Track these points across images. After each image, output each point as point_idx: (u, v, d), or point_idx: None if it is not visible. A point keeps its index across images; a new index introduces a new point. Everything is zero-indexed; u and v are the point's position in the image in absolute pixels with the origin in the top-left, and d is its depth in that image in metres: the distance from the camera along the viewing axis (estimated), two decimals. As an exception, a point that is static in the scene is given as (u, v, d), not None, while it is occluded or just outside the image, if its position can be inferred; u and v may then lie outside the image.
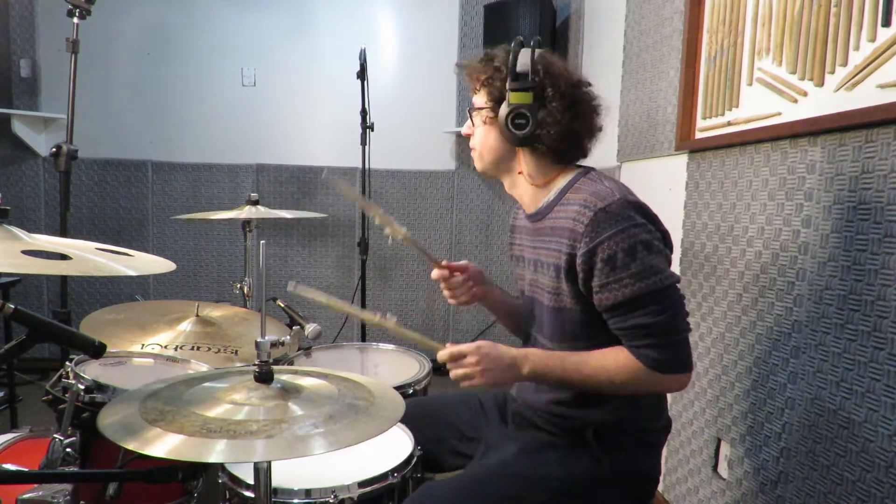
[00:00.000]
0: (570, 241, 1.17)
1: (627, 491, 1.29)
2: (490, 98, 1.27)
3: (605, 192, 1.16)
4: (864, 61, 1.30)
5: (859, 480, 1.30)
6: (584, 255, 1.14)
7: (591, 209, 1.14)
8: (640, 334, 1.14)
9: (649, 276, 1.11)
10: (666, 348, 1.14)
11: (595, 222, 1.13)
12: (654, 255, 1.12)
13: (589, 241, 1.13)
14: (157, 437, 0.85)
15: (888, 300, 1.23)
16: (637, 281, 1.11)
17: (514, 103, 1.21)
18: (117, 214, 3.76)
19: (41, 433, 1.65)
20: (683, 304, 1.17)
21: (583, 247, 1.14)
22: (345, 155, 3.65)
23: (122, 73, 3.69)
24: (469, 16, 3.82)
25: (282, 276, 3.86)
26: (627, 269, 1.11)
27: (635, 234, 1.11)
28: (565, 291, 1.21)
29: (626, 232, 1.11)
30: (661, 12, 2.31)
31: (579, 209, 1.16)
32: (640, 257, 1.11)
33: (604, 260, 1.12)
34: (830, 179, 1.41)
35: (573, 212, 1.18)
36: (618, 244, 1.11)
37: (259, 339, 1.01)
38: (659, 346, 1.14)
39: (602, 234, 1.12)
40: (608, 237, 1.11)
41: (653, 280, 1.11)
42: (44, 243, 1.01)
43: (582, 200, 1.17)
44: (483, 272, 1.50)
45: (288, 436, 0.86)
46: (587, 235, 1.13)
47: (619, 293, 1.12)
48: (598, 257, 1.12)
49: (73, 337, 1.01)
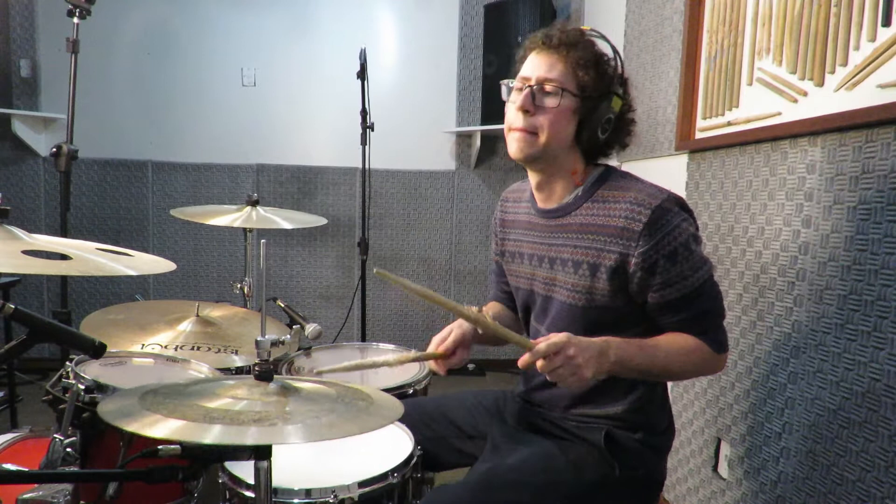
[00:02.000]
0: (622, 240, 1.16)
1: (635, 496, 1.28)
2: (588, 87, 1.18)
3: (654, 190, 1.18)
4: (864, 61, 1.30)
5: (859, 480, 1.30)
6: (644, 254, 1.14)
7: (647, 208, 1.14)
8: (701, 322, 1.19)
9: (703, 266, 1.17)
10: (723, 331, 1.23)
11: (654, 221, 1.14)
12: (700, 247, 1.19)
13: (649, 239, 1.13)
14: (158, 421, 0.85)
15: (888, 300, 1.23)
16: (695, 272, 1.16)
17: (613, 107, 1.21)
18: (117, 214, 3.76)
19: (41, 433, 1.65)
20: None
21: (642, 246, 1.14)
22: (345, 155, 3.66)
23: (122, 73, 3.69)
24: (469, 16, 3.82)
25: (282, 276, 3.86)
26: (687, 262, 1.15)
27: (687, 229, 1.15)
28: (603, 290, 1.20)
29: (680, 227, 1.14)
30: (661, 12, 2.31)
31: (631, 207, 1.16)
32: (693, 249, 1.16)
33: (665, 256, 1.14)
34: (830, 179, 1.41)
35: (623, 210, 1.17)
36: (676, 239, 1.14)
37: (259, 338, 1.01)
38: (716, 329, 1.21)
39: (662, 231, 1.13)
40: (667, 233, 1.13)
41: (705, 269, 1.18)
42: (44, 243, 1.01)
43: (633, 198, 1.17)
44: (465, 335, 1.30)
45: (288, 424, 0.87)
46: (646, 234, 1.14)
47: (682, 287, 1.16)
48: (659, 254, 1.14)
49: (73, 337, 1.01)
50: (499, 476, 1.23)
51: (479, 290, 4.01)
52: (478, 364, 3.71)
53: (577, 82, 1.18)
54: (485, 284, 4.02)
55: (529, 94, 1.19)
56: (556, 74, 1.18)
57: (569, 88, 1.18)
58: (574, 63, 1.18)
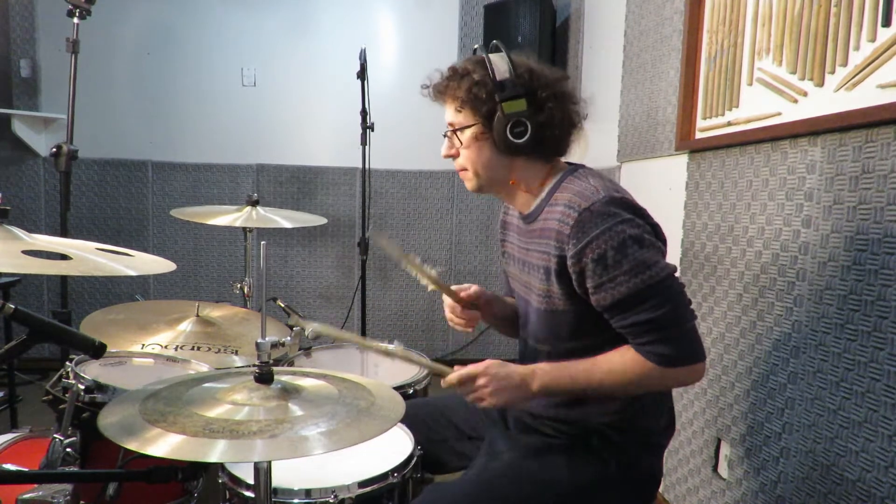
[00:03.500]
0: (557, 244, 1.16)
1: (632, 493, 1.28)
2: (477, 114, 1.22)
3: (590, 190, 1.14)
4: (864, 61, 1.30)
5: (859, 480, 1.30)
6: (573, 258, 1.13)
7: (575, 209, 1.13)
8: (643, 331, 1.12)
9: (643, 271, 1.09)
10: (672, 342, 1.11)
11: (580, 223, 1.11)
12: (645, 249, 1.10)
13: (577, 243, 1.11)
14: (158, 436, 0.85)
15: (888, 300, 1.23)
16: (631, 277, 1.09)
17: (510, 113, 1.17)
18: (117, 214, 3.76)
19: (41, 433, 1.65)
20: (684, 294, 1.14)
21: (571, 249, 1.12)
22: (345, 155, 3.65)
23: (122, 73, 3.69)
24: (469, 16, 3.83)
25: (282, 276, 3.86)
26: (620, 266, 1.09)
27: (623, 231, 1.09)
28: (557, 293, 1.20)
29: (613, 230, 1.09)
30: (661, 12, 2.31)
31: (563, 210, 1.15)
32: (630, 253, 1.09)
33: (594, 260, 1.10)
34: (830, 179, 1.41)
35: (558, 213, 1.17)
36: (606, 242, 1.09)
37: (260, 340, 1.01)
38: (664, 340, 1.11)
39: (589, 234, 1.10)
40: (595, 237, 1.09)
41: (647, 275, 1.09)
42: (44, 243, 1.01)
43: (566, 201, 1.16)
44: (484, 291, 1.46)
45: (290, 435, 0.86)
46: (574, 237, 1.12)
47: (614, 292, 1.10)
48: (587, 258, 1.10)
49: (73, 337, 1.01)
50: (495, 475, 1.24)
51: (479, 290, 4.01)
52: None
53: (466, 113, 1.23)
54: (484, 284, 3.99)
55: (448, 142, 1.30)
56: (450, 117, 1.27)
57: (462, 123, 1.24)
58: (453, 100, 1.25)
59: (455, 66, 1.26)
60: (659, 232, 1.18)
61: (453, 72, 1.25)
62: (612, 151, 2.73)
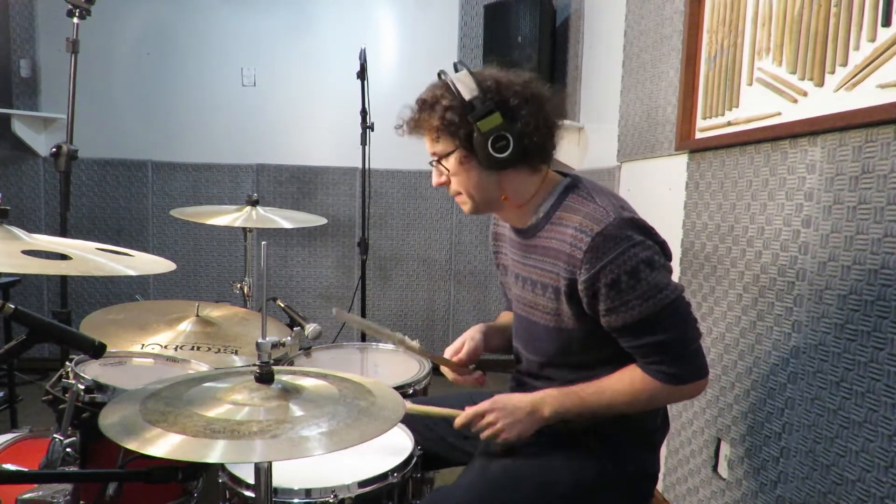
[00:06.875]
0: (568, 266, 1.15)
1: (631, 492, 1.29)
2: (455, 139, 1.20)
3: (600, 213, 1.14)
4: (864, 61, 1.30)
5: (859, 480, 1.30)
6: (586, 282, 1.12)
7: (587, 234, 1.12)
8: (653, 352, 1.14)
9: (655, 295, 1.10)
10: (679, 361, 1.14)
11: (594, 248, 1.11)
12: (656, 272, 1.11)
13: (590, 268, 1.11)
14: (158, 436, 0.85)
15: (888, 300, 1.23)
16: (644, 301, 1.10)
17: (488, 130, 1.15)
18: (117, 214, 3.76)
19: (41, 433, 1.65)
20: (691, 314, 1.17)
21: (584, 273, 1.12)
22: (345, 155, 3.65)
23: (122, 73, 3.69)
24: (469, 16, 3.83)
25: (282, 276, 3.86)
26: (633, 290, 1.09)
27: (636, 255, 1.09)
28: (566, 313, 1.20)
29: (627, 254, 1.09)
30: (661, 12, 2.31)
31: (575, 234, 1.14)
32: (643, 277, 1.09)
33: (608, 285, 1.10)
34: (830, 179, 1.41)
35: (569, 236, 1.15)
36: (620, 267, 1.09)
37: (260, 340, 1.01)
38: (672, 360, 1.14)
39: (603, 260, 1.10)
40: (609, 262, 1.09)
41: (659, 298, 1.10)
42: (44, 243, 1.01)
43: (577, 224, 1.15)
44: (482, 331, 1.46)
45: (290, 436, 0.86)
46: (587, 262, 1.11)
47: (627, 315, 1.11)
48: (601, 283, 1.10)
49: (73, 337, 1.01)
50: (495, 477, 1.24)
51: (478, 290, 4.01)
52: (477, 365, 3.70)
53: (445, 141, 1.22)
54: (484, 284, 4.02)
55: (435, 171, 1.28)
56: (430, 148, 1.26)
57: (444, 151, 1.23)
58: (430, 131, 1.23)
59: (423, 97, 1.25)
60: (666, 249, 1.19)
61: (422, 103, 1.24)
62: (612, 151, 2.73)
